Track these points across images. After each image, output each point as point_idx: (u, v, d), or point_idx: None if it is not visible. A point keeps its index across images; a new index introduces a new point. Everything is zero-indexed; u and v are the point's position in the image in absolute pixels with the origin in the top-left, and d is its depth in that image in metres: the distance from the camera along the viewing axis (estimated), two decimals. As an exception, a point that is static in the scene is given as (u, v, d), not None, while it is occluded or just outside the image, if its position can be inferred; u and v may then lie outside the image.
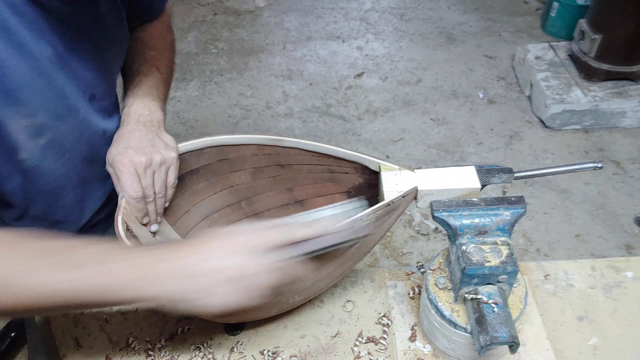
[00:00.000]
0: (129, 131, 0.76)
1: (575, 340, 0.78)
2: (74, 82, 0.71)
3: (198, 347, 0.80)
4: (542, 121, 2.48)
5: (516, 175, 0.71)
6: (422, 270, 0.89)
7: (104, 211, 0.91)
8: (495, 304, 0.64)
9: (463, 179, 0.70)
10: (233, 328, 0.82)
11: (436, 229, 2.07)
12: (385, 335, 0.80)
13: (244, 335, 0.82)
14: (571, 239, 2.00)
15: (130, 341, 0.81)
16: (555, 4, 2.92)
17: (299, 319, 0.83)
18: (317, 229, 0.58)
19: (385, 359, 0.77)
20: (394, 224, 0.83)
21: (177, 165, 0.77)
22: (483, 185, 0.70)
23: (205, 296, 0.54)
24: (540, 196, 2.17)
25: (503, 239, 0.66)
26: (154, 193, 0.75)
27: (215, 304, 0.54)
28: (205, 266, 0.54)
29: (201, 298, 0.54)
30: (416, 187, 0.70)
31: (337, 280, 0.80)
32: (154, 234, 0.78)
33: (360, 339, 0.79)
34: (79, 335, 0.83)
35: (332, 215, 0.57)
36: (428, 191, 0.70)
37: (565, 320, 0.80)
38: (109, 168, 0.74)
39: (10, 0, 0.61)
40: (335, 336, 0.81)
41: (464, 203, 0.67)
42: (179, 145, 0.79)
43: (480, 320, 0.63)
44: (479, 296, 0.65)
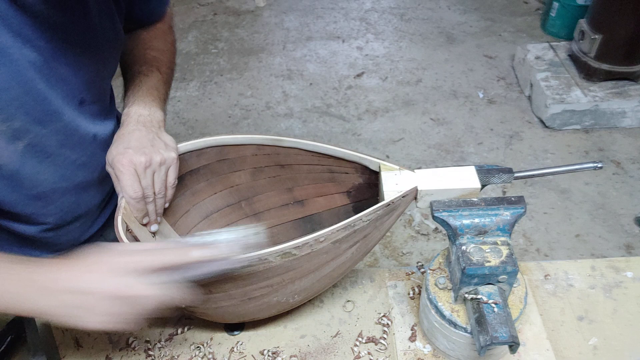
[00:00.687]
0: (129, 131, 0.75)
1: (575, 340, 0.78)
2: (60, 87, 0.70)
3: (198, 347, 0.80)
4: (542, 121, 2.48)
5: (516, 175, 0.71)
6: (422, 270, 0.89)
7: (103, 216, 0.91)
8: (495, 304, 0.64)
9: (463, 179, 0.70)
10: (233, 328, 0.82)
11: (436, 229, 2.07)
12: (385, 335, 0.80)
13: (244, 335, 0.82)
14: (571, 239, 2.00)
15: (130, 341, 0.82)
16: (555, 4, 2.92)
17: (299, 319, 0.84)
18: (214, 251, 0.56)
19: (385, 359, 0.77)
20: (394, 224, 0.83)
21: (177, 166, 0.77)
22: (483, 185, 0.70)
23: (82, 314, 0.54)
24: (540, 196, 2.17)
25: (503, 239, 0.66)
26: (154, 193, 0.75)
27: (92, 322, 0.54)
28: (84, 283, 0.54)
29: (79, 315, 0.54)
30: (416, 187, 0.70)
31: (337, 280, 0.80)
32: (153, 234, 0.78)
33: (360, 339, 0.79)
34: (79, 335, 0.83)
35: (227, 239, 0.56)
36: (428, 191, 0.70)
37: (565, 320, 0.80)
38: (108, 168, 0.74)
39: None
40: (335, 336, 0.81)
41: (464, 203, 0.67)
42: (179, 145, 0.79)
43: (480, 320, 0.63)
44: (479, 296, 0.65)
